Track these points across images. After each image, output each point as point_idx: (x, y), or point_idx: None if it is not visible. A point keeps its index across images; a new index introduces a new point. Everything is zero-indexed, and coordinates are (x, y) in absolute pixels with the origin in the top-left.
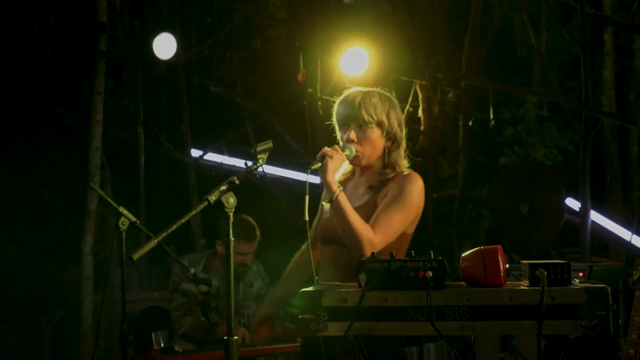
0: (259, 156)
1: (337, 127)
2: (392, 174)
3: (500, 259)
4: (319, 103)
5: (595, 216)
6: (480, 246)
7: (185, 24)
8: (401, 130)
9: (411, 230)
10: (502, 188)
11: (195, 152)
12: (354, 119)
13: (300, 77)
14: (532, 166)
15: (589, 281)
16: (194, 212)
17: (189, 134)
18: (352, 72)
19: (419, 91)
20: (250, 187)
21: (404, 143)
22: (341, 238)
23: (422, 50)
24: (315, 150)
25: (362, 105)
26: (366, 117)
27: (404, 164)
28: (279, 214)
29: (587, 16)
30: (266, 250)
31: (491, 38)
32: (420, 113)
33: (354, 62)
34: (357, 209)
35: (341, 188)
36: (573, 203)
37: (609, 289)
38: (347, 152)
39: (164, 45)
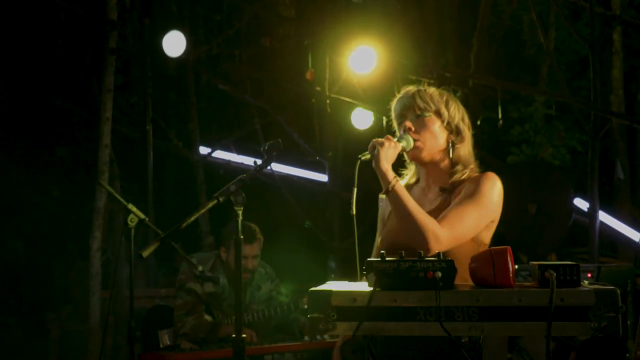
0: (268, 155)
1: (395, 127)
2: (466, 173)
3: (509, 260)
4: (327, 101)
5: (603, 216)
6: (489, 247)
7: (194, 21)
8: (465, 125)
9: (487, 237)
10: (509, 188)
11: (203, 150)
12: (409, 108)
13: (308, 75)
14: (540, 166)
15: (598, 283)
16: (203, 211)
17: (197, 131)
18: (361, 70)
19: None
20: (258, 185)
21: (470, 139)
22: (408, 245)
23: (430, 48)
24: (324, 149)
25: (417, 94)
26: (422, 104)
27: (475, 162)
28: (287, 211)
29: (596, 15)
30: (274, 247)
31: (500, 37)
32: None
33: (362, 60)
34: (430, 214)
35: (397, 178)
36: (581, 203)
37: (619, 291)
38: (404, 143)
39: (174, 43)
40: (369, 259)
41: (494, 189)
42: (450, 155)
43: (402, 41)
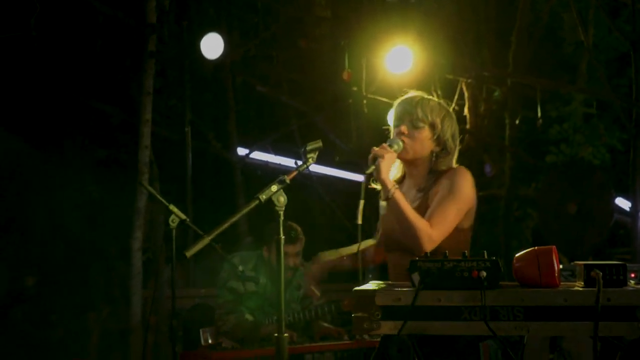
0: (308, 155)
1: (391, 128)
2: (438, 175)
3: (555, 259)
4: (364, 102)
5: None
6: (528, 247)
7: (230, 23)
8: (454, 142)
9: (467, 224)
10: (549, 188)
11: (241, 151)
12: (408, 114)
13: (345, 76)
14: (580, 166)
15: None
16: (245, 211)
17: (235, 132)
18: (397, 70)
19: (464, 89)
20: (296, 185)
21: (455, 154)
22: (404, 243)
23: (467, 47)
24: (361, 149)
25: (419, 104)
26: (420, 115)
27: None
28: (324, 211)
29: (638, 11)
30: (311, 247)
31: (538, 35)
32: (466, 111)
33: (399, 60)
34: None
35: (397, 186)
36: (623, 203)
37: None
38: (395, 146)
39: (211, 45)
40: (413, 259)
41: (466, 182)
42: (431, 166)
43: (438, 40)
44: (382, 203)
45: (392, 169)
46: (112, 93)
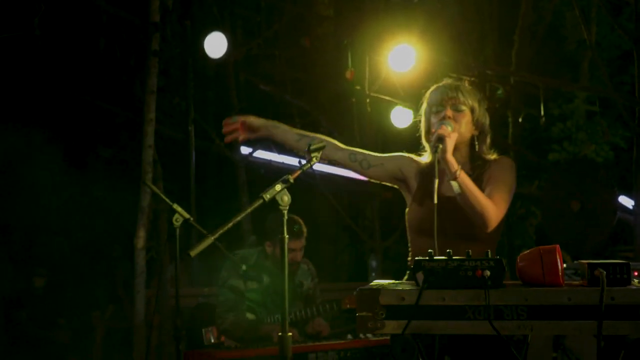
0: (312, 155)
1: (427, 115)
2: (487, 163)
3: (558, 258)
4: (367, 100)
5: None
6: (531, 245)
7: (233, 22)
8: (488, 125)
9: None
10: (553, 186)
11: (244, 150)
12: (450, 99)
13: (348, 75)
14: (583, 164)
15: None
16: (249, 210)
17: None
18: (400, 69)
19: None
20: (299, 184)
21: (489, 137)
22: (460, 229)
23: (470, 46)
24: (364, 147)
25: (459, 88)
26: (462, 98)
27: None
28: (327, 210)
29: None
30: (315, 245)
31: (541, 34)
32: None
33: (402, 59)
34: (454, 199)
35: (459, 166)
36: (626, 201)
37: None
38: (449, 128)
39: (215, 44)
40: (417, 258)
41: (514, 172)
42: (476, 149)
43: (441, 39)
44: (454, 184)
45: (423, 157)
46: (116, 92)
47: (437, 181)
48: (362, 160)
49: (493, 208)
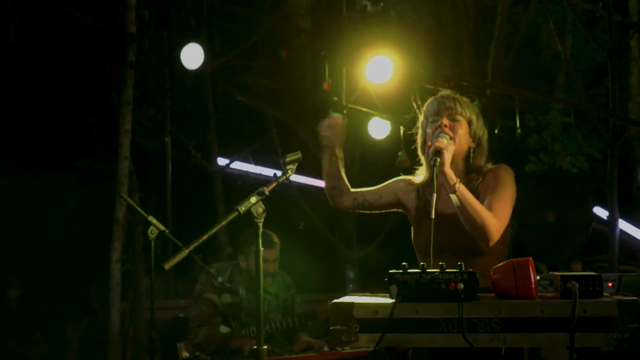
0: (288, 167)
1: (424, 126)
2: (480, 179)
3: (531, 271)
4: (345, 111)
5: (622, 224)
6: (509, 256)
7: (211, 33)
8: (485, 139)
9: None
10: (528, 196)
11: (221, 161)
12: (447, 109)
13: (325, 86)
14: (558, 175)
15: (620, 293)
16: (224, 223)
17: (215, 142)
18: (377, 80)
19: None
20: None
21: (486, 151)
22: (458, 244)
23: (447, 58)
24: (342, 160)
25: (457, 99)
26: (459, 109)
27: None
28: (304, 221)
29: (614, 22)
30: (291, 257)
31: (516, 46)
32: None
33: (379, 70)
34: (455, 214)
35: (458, 179)
36: (600, 212)
37: None
38: (446, 140)
39: (192, 55)
40: (390, 271)
41: (512, 177)
42: (470, 162)
43: (418, 50)
44: (453, 197)
45: (418, 175)
46: (92, 103)
47: (435, 195)
48: (363, 202)
49: (493, 220)
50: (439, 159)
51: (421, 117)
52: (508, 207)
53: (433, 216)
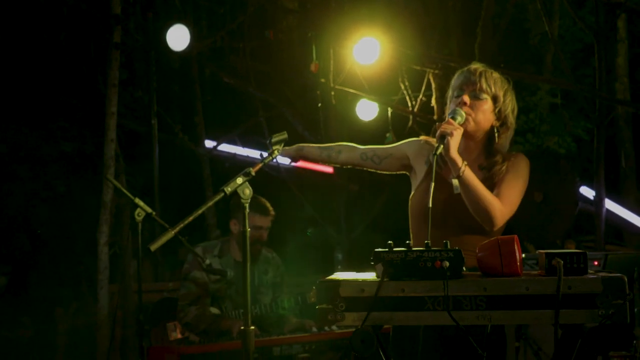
0: (274, 147)
1: (450, 100)
2: (504, 159)
3: (516, 249)
4: (332, 93)
5: (609, 204)
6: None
7: (197, 14)
8: (513, 118)
9: None
10: None
11: (208, 143)
12: (471, 84)
13: (313, 68)
14: (545, 155)
15: (605, 270)
16: (210, 204)
17: (203, 124)
18: (365, 61)
19: (432, 80)
20: (263, 177)
21: (512, 132)
22: (467, 223)
23: (434, 39)
24: (329, 140)
25: (483, 74)
26: (484, 86)
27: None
28: (292, 203)
29: (601, 3)
30: (281, 237)
31: (503, 27)
32: (433, 102)
33: (366, 51)
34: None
35: (466, 163)
36: (587, 191)
37: (626, 279)
38: (459, 118)
39: (177, 37)
40: (376, 250)
41: (528, 170)
42: (495, 141)
43: (405, 32)
44: (454, 181)
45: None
46: (78, 86)
47: (432, 184)
48: (373, 157)
49: (499, 206)
50: (442, 146)
51: (449, 91)
52: (517, 196)
53: (430, 205)
